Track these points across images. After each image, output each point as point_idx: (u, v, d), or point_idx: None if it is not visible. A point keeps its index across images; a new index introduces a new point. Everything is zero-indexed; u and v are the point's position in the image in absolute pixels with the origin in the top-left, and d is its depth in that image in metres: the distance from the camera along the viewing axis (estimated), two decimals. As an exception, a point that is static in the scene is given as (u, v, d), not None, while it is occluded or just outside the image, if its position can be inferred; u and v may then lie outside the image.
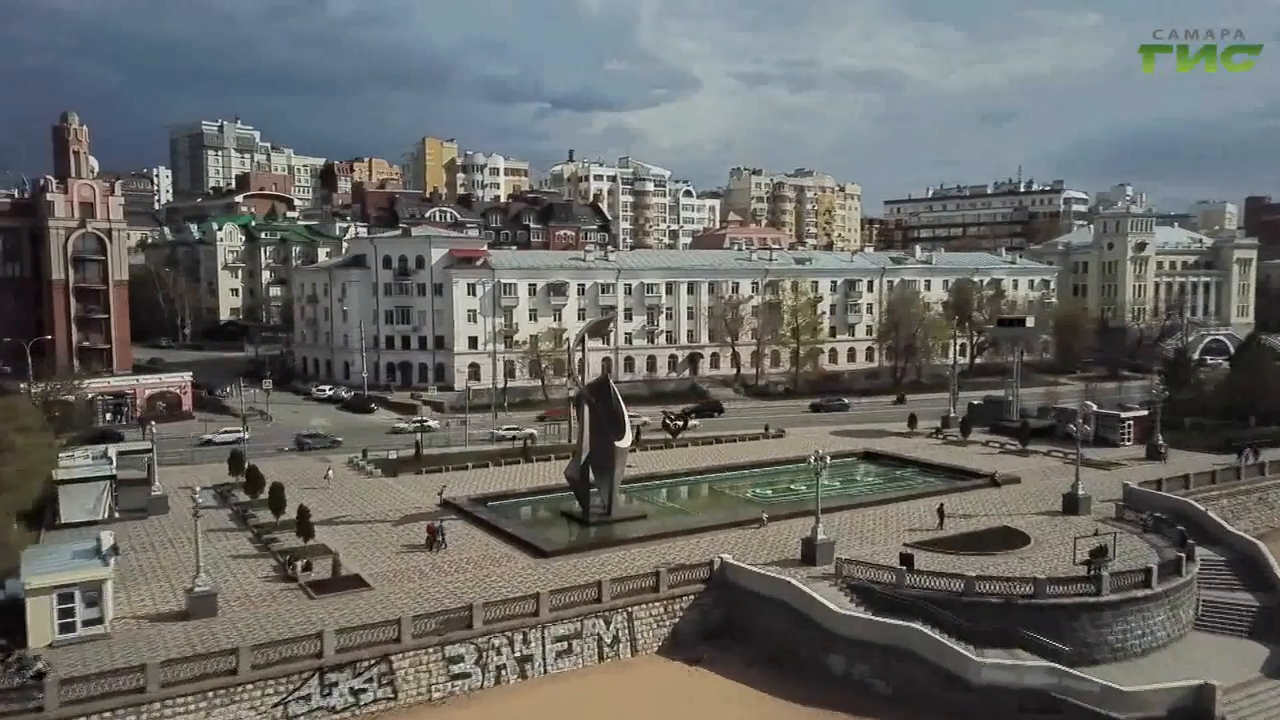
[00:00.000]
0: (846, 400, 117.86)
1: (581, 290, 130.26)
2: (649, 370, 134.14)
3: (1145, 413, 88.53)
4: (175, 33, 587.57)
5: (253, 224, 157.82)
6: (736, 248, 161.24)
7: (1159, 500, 64.25)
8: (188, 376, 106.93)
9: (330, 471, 73.12)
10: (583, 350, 67.16)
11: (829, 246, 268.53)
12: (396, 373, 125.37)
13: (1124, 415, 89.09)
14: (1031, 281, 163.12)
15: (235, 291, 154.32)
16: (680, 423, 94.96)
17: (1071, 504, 63.91)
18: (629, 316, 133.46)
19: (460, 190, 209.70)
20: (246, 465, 71.52)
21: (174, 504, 67.57)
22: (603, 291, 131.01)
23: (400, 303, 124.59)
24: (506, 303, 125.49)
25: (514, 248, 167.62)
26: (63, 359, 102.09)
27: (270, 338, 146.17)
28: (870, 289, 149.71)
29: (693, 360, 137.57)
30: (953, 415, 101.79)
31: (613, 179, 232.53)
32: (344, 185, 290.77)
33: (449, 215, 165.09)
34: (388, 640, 41.34)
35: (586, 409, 63.85)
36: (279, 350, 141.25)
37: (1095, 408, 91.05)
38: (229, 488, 70.87)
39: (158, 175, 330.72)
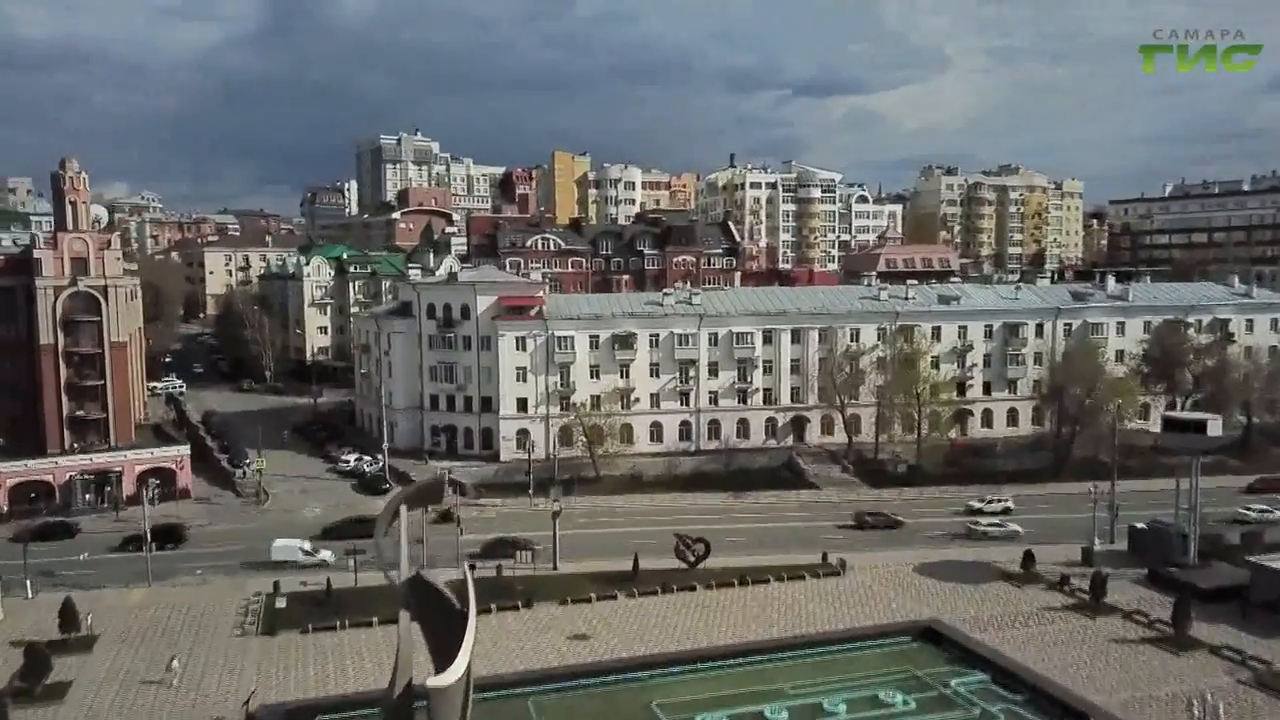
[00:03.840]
0: (901, 518, 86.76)
1: (654, 342, 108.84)
2: (740, 436, 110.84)
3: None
4: (439, 40, 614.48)
5: (345, 255, 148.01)
6: (864, 281, 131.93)
7: None
8: (185, 450, 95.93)
9: (175, 662, 55.24)
10: (399, 525, 46.32)
11: (1038, 256, 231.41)
12: (441, 438, 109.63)
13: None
14: (1275, 321, 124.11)
15: (323, 330, 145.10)
16: (700, 548, 72.24)
17: (1192, 839, 36.69)
18: (714, 372, 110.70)
19: (592, 206, 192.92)
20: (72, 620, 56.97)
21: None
22: (681, 344, 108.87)
23: (444, 358, 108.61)
24: (562, 358, 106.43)
25: (626, 277, 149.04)
26: (53, 431, 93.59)
27: (347, 383, 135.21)
28: (1039, 334, 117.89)
29: (797, 425, 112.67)
30: (1097, 545, 72.59)
31: (772, 186, 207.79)
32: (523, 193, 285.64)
33: (552, 243, 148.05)
34: None
35: (403, 615, 43.58)
36: (347, 399, 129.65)
37: (1309, 572, 59.82)
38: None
39: (348, 189, 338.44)
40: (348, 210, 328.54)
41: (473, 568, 47.19)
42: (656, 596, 65.99)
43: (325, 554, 73.68)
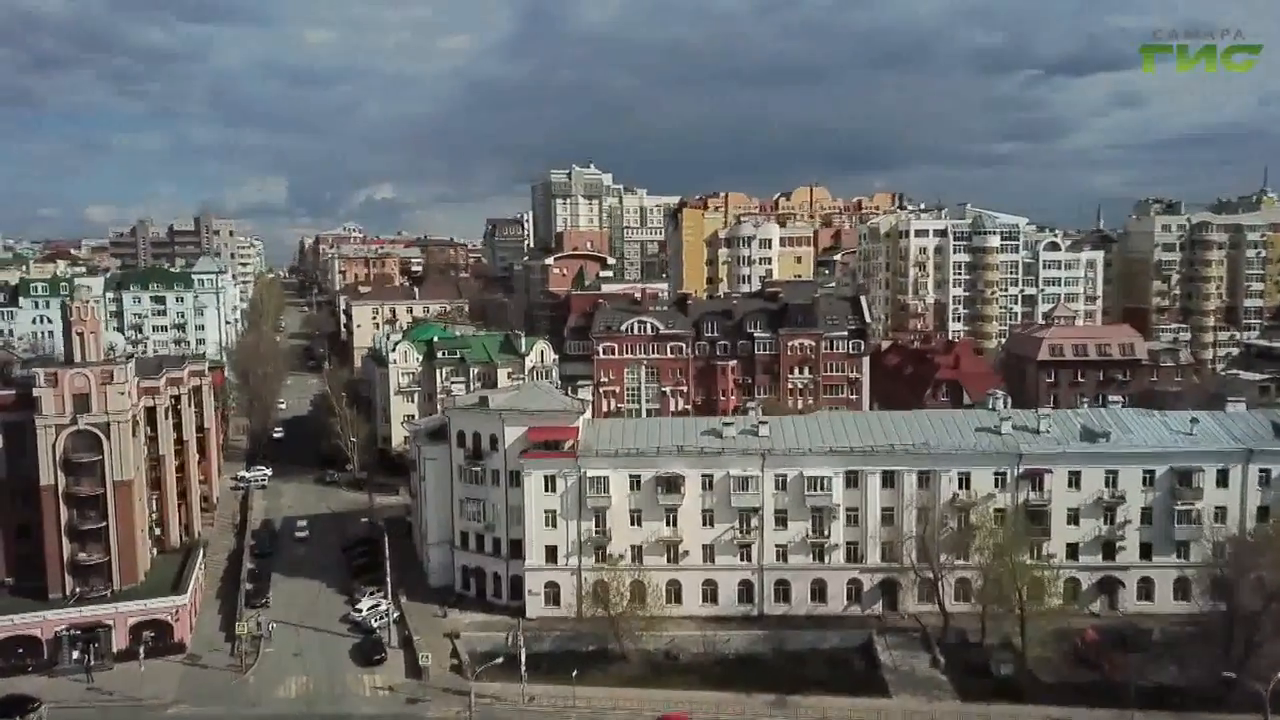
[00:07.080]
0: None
1: (708, 484, 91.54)
2: (815, 599, 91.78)
3: None
4: (678, 36, 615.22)
5: (435, 339, 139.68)
6: (991, 402, 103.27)
7: None
8: (180, 601, 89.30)
9: None
10: None
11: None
12: (471, 582, 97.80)
13: None
14: None
15: (410, 419, 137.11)
16: None
17: None
18: (783, 522, 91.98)
19: (723, 268, 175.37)
20: None
21: None
22: (739, 487, 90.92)
23: (473, 493, 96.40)
24: (596, 502, 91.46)
25: (733, 363, 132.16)
26: (54, 574, 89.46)
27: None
28: (1222, 483, 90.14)
29: (888, 590, 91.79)
30: None
31: (941, 233, 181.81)
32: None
33: (649, 326, 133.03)
34: None
35: None
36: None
37: None
38: None
39: (526, 220, 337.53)
40: (526, 243, 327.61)
41: None
42: None
43: None
